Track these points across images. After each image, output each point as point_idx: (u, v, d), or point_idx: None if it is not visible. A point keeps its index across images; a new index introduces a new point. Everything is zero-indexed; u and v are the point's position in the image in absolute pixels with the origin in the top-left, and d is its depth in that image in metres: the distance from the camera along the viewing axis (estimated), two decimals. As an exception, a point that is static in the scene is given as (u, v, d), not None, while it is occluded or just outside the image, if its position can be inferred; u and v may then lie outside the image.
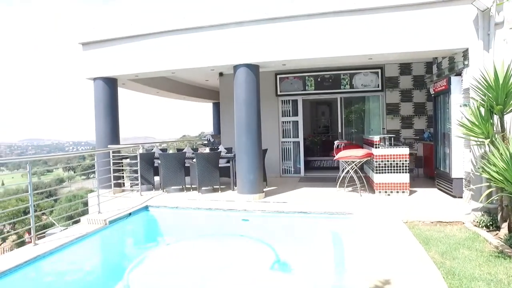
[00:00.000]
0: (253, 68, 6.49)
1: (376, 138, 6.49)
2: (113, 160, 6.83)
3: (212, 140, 12.40)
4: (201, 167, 7.08)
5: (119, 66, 7.31)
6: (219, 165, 7.29)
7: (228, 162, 7.62)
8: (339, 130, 9.70)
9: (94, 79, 7.53)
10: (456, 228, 4.54)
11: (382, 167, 6.36)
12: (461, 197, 5.78)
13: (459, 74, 5.78)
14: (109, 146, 7.18)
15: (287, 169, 9.69)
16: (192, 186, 7.59)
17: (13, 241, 26.96)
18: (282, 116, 9.62)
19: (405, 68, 8.84)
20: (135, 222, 5.75)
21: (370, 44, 5.88)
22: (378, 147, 6.43)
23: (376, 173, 6.39)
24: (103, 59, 7.42)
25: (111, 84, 7.59)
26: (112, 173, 6.94)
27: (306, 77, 9.39)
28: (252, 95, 6.47)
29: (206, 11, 6.68)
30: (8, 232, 25.40)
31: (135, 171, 7.26)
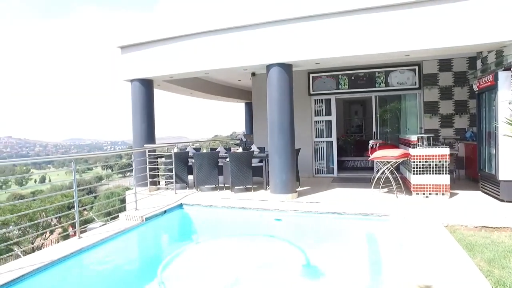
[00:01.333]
0: (286, 68, 6.45)
1: (413, 138, 6.23)
2: (149, 159, 7.06)
3: (244, 139, 12.49)
4: (234, 166, 7.15)
5: (155, 67, 7.54)
6: (252, 165, 7.32)
7: (260, 161, 7.63)
8: (374, 130, 9.42)
9: (131, 80, 7.82)
10: (504, 235, 4.24)
11: (420, 167, 6.09)
12: (510, 201, 5.41)
13: (508, 68, 5.41)
14: (145, 145, 7.43)
15: (320, 169, 9.55)
16: (225, 185, 7.68)
17: (59, 233, 28.69)
18: (315, 115, 9.49)
19: (445, 64, 8.42)
20: (170, 219, 5.90)
21: (408, 40, 5.65)
22: (416, 147, 6.17)
23: (414, 174, 6.13)
24: (139, 61, 7.68)
25: (147, 85, 7.85)
26: (148, 172, 7.18)
27: (340, 76, 9.20)
28: (284, 94, 6.44)
29: (238, 11, 6.73)
30: (54, 225, 26.99)
31: (170, 170, 7.45)
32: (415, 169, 6.11)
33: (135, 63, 7.74)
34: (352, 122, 14.12)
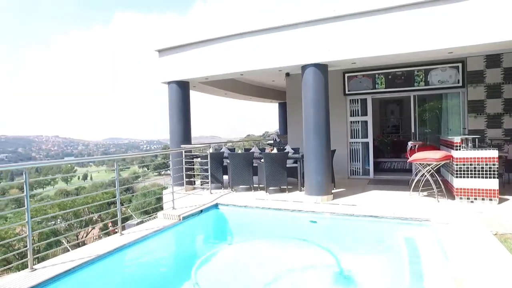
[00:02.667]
0: (322, 68, 6.38)
1: (456, 139, 5.93)
2: (185, 159, 7.25)
3: (278, 140, 12.49)
4: (269, 167, 7.17)
5: (191, 69, 7.74)
6: (286, 165, 7.31)
7: (295, 162, 7.60)
8: (412, 130, 9.06)
9: (168, 83, 8.07)
10: None
11: (464, 171, 5.78)
12: None
13: None
14: (182, 146, 7.64)
15: (355, 171, 9.35)
16: (260, 185, 7.71)
17: (100, 228, 30.19)
18: (351, 115, 9.30)
19: (493, 60, 7.91)
20: (206, 219, 6.03)
21: (451, 36, 5.37)
22: (459, 149, 5.86)
23: (457, 177, 5.83)
24: (176, 64, 7.91)
25: (183, 87, 8.07)
26: (185, 172, 7.37)
27: (376, 75, 8.94)
28: (320, 95, 6.37)
29: (272, 12, 6.74)
30: (96, 220, 28.44)
31: (206, 170, 7.60)
32: (459, 172, 5.81)
33: (171, 66, 7.98)
34: (388, 122, 13.68)
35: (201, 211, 6.06)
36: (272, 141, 13.07)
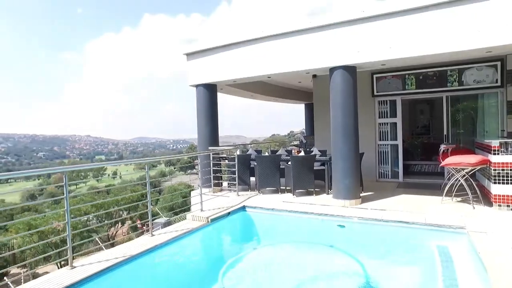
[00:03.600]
0: (350, 70, 6.29)
1: (495, 143, 5.65)
2: (212, 161, 7.37)
3: (304, 141, 12.43)
4: (296, 170, 7.16)
5: (218, 73, 7.85)
6: (314, 168, 7.27)
7: (322, 164, 7.54)
8: (445, 132, 8.75)
9: (196, 86, 8.22)
10: None
11: (503, 176, 5.52)
12: None
13: None
14: (209, 148, 7.76)
15: (384, 173, 9.14)
16: (287, 187, 7.71)
17: (129, 225, 31.20)
18: (379, 117, 9.10)
19: (535, 58, 7.48)
20: (233, 222, 6.10)
21: (490, 35, 5.12)
22: (498, 153, 5.59)
23: (495, 183, 5.57)
24: (204, 67, 8.04)
25: (211, 90, 8.19)
26: (212, 173, 7.49)
27: (406, 76, 8.69)
28: (348, 97, 6.29)
29: (300, 14, 6.73)
30: (126, 218, 29.41)
31: (233, 172, 7.68)
32: (497, 178, 5.55)
33: (199, 69, 8.12)
34: (418, 123, 13.24)
35: (229, 213, 6.14)
36: (298, 142, 13.01)
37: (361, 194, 6.76)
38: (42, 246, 22.56)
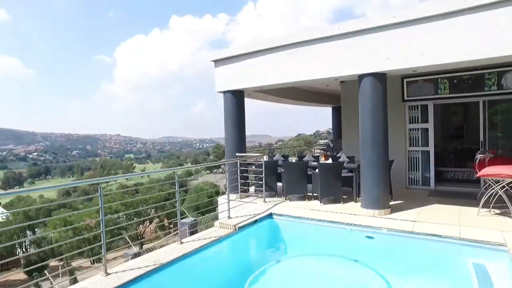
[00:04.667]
0: (380, 77, 6.14)
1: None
2: (240, 167, 7.44)
3: (331, 145, 12.27)
4: (323, 177, 7.09)
5: (245, 79, 7.90)
6: (342, 175, 7.17)
7: (350, 171, 7.42)
8: (481, 139, 8.36)
9: (224, 92, 8.31)
10: None
11: (545, 189, 5.22)
12: None
13: None
14: (236, 154, 7.84)
15: (414, 180, 8.87)
16: (314, 194, 7.65)
17: (157, 223, 32.06)
18: (409, 122, 8.83)
19: None
20: (260, 230, 6.12)
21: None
22: (540, 164, 5.29)
23: (536, 196, 5.28)
24: (231, 74, 8.12)
25: (238, 96, 8.25)
26: (239, 179, 7.56)
27: (439, 80, 8.37)
28: (378, 105, 6.15)
29: (327, 21, 6.65)
30: (154, 217, 30.16)
31: (260, 178, 7.69)
32: (538, 191, 5.26)
33: (227, 76, 8.20)
34: (451, 128, 12.70)
35: (256, 221, 6.17)
36: (325, 146, 12.86)
37: (390, 203, 6.61)
38: (76, 241, 23.60)
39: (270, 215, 6.56)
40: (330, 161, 7.75)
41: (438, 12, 5.45)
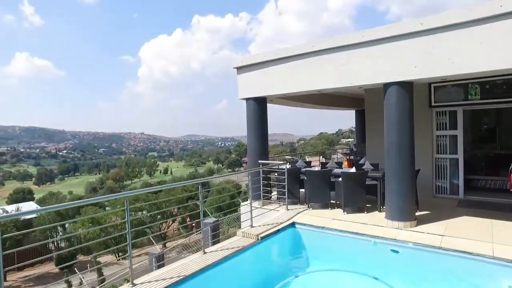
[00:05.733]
0: (406, 86, 5.97)
1: None
2: (262, 175, 7.44)
3: (355, 149, 12.07)
4: (346, 186, 7.00)
5: (268, 87, 7.88)
6: (365, 183, 7.05)
7: (375, 179, 7.28)
8: (515, 146, 7.97)
9: (247, 99, 8.33)
10: None
11: None
12: None
13: None
14: (259, 161, 7.85)
15: (441, 188, 8.58)
16: (337, 202, 7.56)
17: (179, 223, 32.65)
18: (437, 129, 8.54)
19: None
20: (282, 240, 6.11)
21: None
22: None
23: None
24: (253, 81, 8.11)
25: (261, 103, 8.23)
26: (262, 186, 7.57)
27: (469, 85, 8.04)
28: (404, 115, 5.98)
29: (350, 28, 6.53)
30: (176, 214, 30.75)
31: (282, 185, 7.66)
32: None
33: (249, 83, 8.20)
34: (482, 132, 12.14)
35: (278, 230, 6.17)
36: (348, 151, 12.67)
37: (416, 213, 6.42)
38: (103, 237, 24.42)
39: (292, 224, 6.53)
40: (353, 169, 7.63)
41: (470, 18, 5.23)
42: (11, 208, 28.16)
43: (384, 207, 6.60)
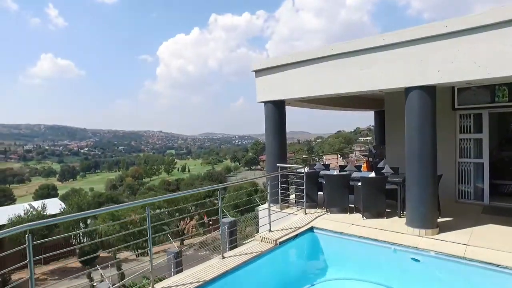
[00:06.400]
0: (429, 91, 5.82)
1: None
2: (280, 178, 7.43)
3: (374, 151, 11.87)
4: (366, 191, 6.91)
5: (287, 90, 7.84)
6: (385, 187, 6.94)
7: (395, 183, 7.14)
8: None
9: (265, 102, 8.31)
10: None
11: None
12: None
13: None
14: (277, 164, 7.84)
15: (465, 193, 8.34)
16: (356, 206, 7.47)
17: (197, 221, 33.09)
18: (460, 132, 8.29)
19: None
20: (301, 245, 6.10)
21: None
22: None
23: None
24: (272, 84, 8.07)
25: (279, 106, 8.20)
26: (280, 189, 7.56)
27: (496, 87, 7.75)
28: (426, 121, 5.83)
29: (371, 31, 6.42)
30: (192, 212, 31.07)
31: (301, 189, 7.62)
32: None
33: (268, 86, 8.18)
34: (510, 136, 11.69)
35: (297, 235, 6.15)
36: (368, 153, 12.48)
37: (438, 220, 6.26)
38: (123, 234, 25.02)
39: (311, 229, 6.50)
40: (372, 173, 7.51)
41: (499, 20, 5.04)
42: (38, 204, 29.17)
43: (404, 212, 6.48)
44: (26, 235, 3.05)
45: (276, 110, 8.17)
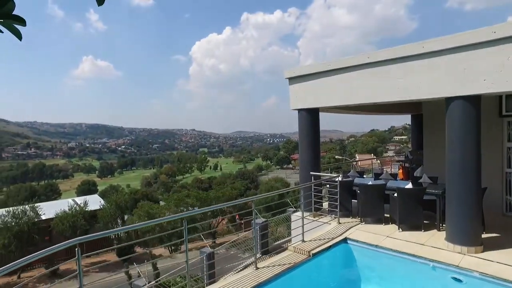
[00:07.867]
0: (473, 101, 5.49)
1: None
2: (314, 186, 7.36)
3: (410, 157, 11.45)
4: (402, 203, 6.69)
5: (320, 98, 7.73)
6: (423, 197, 6.68)
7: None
8: None
9: (299, 110, 8.25)
10: None
11: None
12: None
13: None
14: (311, 173, 7.77)
15: (512, 206, 7.83)
16: (391, 217, 7.25)
17: (227, 221, 33.50)
18: (508, 141, 7.79)
19: None
20: (334, 258, 6.02)
21: None
22: None
23: None
24: (306, 92, 7.99)
25: (313, 113, 8.10)
26: (313, 198, 7.49)
27: (549, 93, 7.20)
28: (470, 133, 5.52)
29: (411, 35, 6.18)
30: (226, 213, 31.48)
31: (335, 199, 7.50)
32: None
33: (301, 94, 8.10)
34: None
35: (330, 246, 6.08)
36: (404, 157, 12.05)
37: (482, 235, 5.92)
38: (157, 231, 25.86)
39: (344, 240, 6.40)
40: (409, 184, 7.25)
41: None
42: (80, 200, 30.87)
43: (443, 225, 6.19)
44: (76, 249, 3.25)
45: (310, 117, 8.08)
